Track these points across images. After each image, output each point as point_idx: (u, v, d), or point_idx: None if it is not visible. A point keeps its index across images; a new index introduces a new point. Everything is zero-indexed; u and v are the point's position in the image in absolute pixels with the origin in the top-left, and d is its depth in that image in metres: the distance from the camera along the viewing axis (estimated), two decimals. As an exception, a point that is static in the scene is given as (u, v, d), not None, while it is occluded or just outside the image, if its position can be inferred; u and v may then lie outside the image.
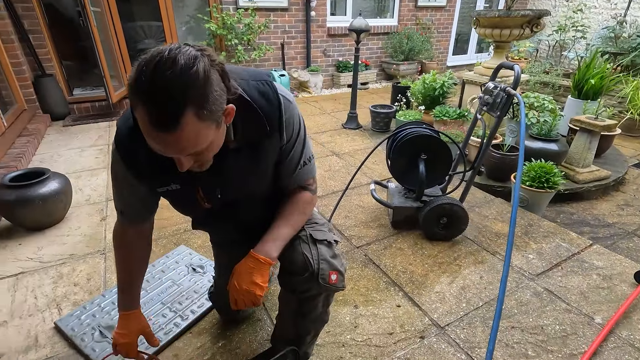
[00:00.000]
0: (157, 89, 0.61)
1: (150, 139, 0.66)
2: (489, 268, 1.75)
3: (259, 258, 0.87)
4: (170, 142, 0.66)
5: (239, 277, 0.88)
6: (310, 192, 1.00)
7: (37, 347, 1.32)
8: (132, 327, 1.02)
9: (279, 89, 0.86)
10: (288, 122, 0.86)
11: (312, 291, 0.98)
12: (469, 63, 6.90)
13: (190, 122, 0.64)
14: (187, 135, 0.65)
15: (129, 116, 0.81)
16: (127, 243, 1.01)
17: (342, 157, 3.03)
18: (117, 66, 4.07)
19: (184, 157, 0.71)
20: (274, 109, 0.84)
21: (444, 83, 3.49)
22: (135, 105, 0.64)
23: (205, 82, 0.63)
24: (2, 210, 1.93)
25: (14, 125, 3.14)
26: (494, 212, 2.22)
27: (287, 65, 5.15)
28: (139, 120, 0.65)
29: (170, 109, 0.62)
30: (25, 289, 1.59)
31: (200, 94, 0.63)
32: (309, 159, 0.97)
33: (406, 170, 1.95)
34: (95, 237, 1.96)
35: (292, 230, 0.94)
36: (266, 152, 0.88)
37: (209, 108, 0.65)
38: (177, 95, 0.61)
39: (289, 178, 0.96)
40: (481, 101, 1.77)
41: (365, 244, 1.93)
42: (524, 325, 1.43)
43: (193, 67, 0.61)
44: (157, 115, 0.62)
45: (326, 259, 0.96)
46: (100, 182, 2.56)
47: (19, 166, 2.55)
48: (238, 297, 0.88)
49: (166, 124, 0.63)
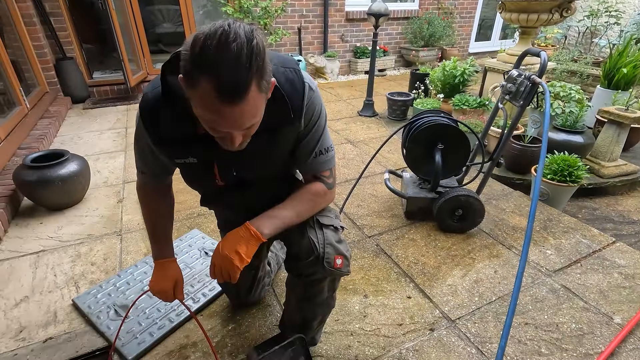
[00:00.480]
0: (226, 59, 0.60)
1: (212, 112, 0.66)
2: (504, 262, 1.70)
3: (250, 229, 0.86)
4: (233, 115, 0.66)
5: (224, 242, 0.87)
6: (325, 185, 0.97)
7: (56, 322, 1.38)
8: (166, 274, 1.04)
9: (305, 76, 0.86)
10: (309, 108, 0.86)
11: (317, 275, 0.99)
12: (492, 50, 6.64)
13: (253, 92, 0.65)
14: (250, 106, 0.66)
15: (156, 85, 0.82)
16: (150, 196, 1.06)
17: (356, 145, 2.99)
18: (135, 50, 4.10)
19: (237, 132, 0.71)
20: (299, 96, 0.83)
21: (464, 70, 3.37)
22: (197, 78, 0.62)
23: (265, 53, 0.64)
24: (25, 190, 1.99)
25: (37, 107, 3.22)
26: (512, 206, 2.16)
27: (304, 51, 5.07)
28: (201, 94, 0.64)
29: (241, 78, 0.62)
30: (46, 267, 1.65)
31: (261, 64, 0.64)
32: (327, 149, 0.94)
33: (422, 160, 1.91)
34: (112, 218, 2.01)
35: (295, 215, 0.92)
36: (285, 137, 0.89)
37: (266, 79, 0.67)
38: (245, 65, 0.61)
39: (302, 164, 0.96)
40: (503, 90, 1.70)
41: (377, 233, 1.91)
42: (538, 322, 1.39)
43: (254, 39, 0.62)
44: (226, 85, 0.62)
45: (332, 244, 0.96)
46: (118, 165, 2.61)
47: (40, 147, 2.62)
48: (216, 262, 0.88)
49: (235, 93, 0.63)
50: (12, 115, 2.78)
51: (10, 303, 1.46)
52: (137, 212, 2.06)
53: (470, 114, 3.06)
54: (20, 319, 1.38)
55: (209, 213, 2.01)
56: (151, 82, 0.85)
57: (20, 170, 1.93)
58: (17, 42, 3.29)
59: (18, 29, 3.28)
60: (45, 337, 1.31)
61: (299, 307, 1.10)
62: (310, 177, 0.97)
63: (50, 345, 1.28)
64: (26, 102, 3.06)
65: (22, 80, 3.15)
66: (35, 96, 3.33)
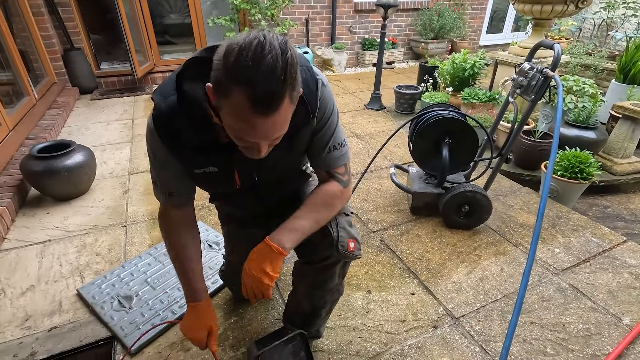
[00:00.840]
0: (263, 71, 0.60)
1: (243, 121, 0.65)
2: (510, 260, 1.67)
3: (272, 246, 0.85)
4: (264, 126, 0.66)
5: (250, 262, 0.86)
6: (340, 184, 0.94)
7: (61, 311, 1.39)
8: (200, 320, 0.97)
9: (317, 72, 0.84)
10: (321, 104, 0.84)
11: (331, 259, 0.99)
12: (504, 43, 6.49)
13: (285, 104, 0.65)
14: (281, 118, 0.66)
15: (168, 94, 0.78)
16: (175, 228, 0.97)
17: (362, 139, 2.96)
18: (142, 41, 4.09)
19: (265, 142, 0.71)
20: (314, 95, 0.82)
21: (474, 63, 3.30)
22: (230, 89, 0.62)
23: (296, 66, 0.64)
24: (32, 180, 2.00)
25: (45, 97, 3.24)
26: (520, 202, 2.12)
27: (311, 42, 5.02)
28: (233, 104, 0.63)
29: (275, 90, 0.62)
30: (52, 256, 1.66)
31: (294, 76, 0.64)
32: (340, 144, 0.92)
33: (429, 154, 1.88)
34: (117, 209, 2.02)
35: (314, 223, 0.90)
36: (303, 137, 0.88)
37: (297, 89, 0.67)
38: (280, 77, 0.61)
39: (315, 160, 0.94)
40: (514, 83, 1.65)
41: (382, 228, 1.89)
42: (544, 321, 1.37)
43: (288, 51, 0.62)
44: (261, 96, 0.62)
45: (344, 227, 0.97)
46: (124, 156, 2.62)
47: (48, 138, 2.64)
48: (247, 283, 0.87)
49: (269, 105, 0.63)
50: (21, 105, 2.80)
51: (17, 292, 1.48)
52: (142, 203, 2.07)
53: (479, 108, 3.00)
54: (26, 308, 1.40)
55: (212, 206, 2.01)
56: (159, 91, 0.80)
57: (27, 160, 1.94)
58: (26, 32, 3.31)
59: (26, 19, 3.28)
60: (50, 326, 1.33)
61: (309, 294, 1.10)
62: (324, 173, 0.95)
63: (55, 334, 1.30)
64: (34, 92, 3.07)
65: (30, 71, 3.16)
66: (43, 86, 3.35)
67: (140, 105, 3.66)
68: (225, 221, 1.26)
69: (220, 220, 1.28)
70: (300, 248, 1.02)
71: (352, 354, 1.24)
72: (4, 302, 1.42)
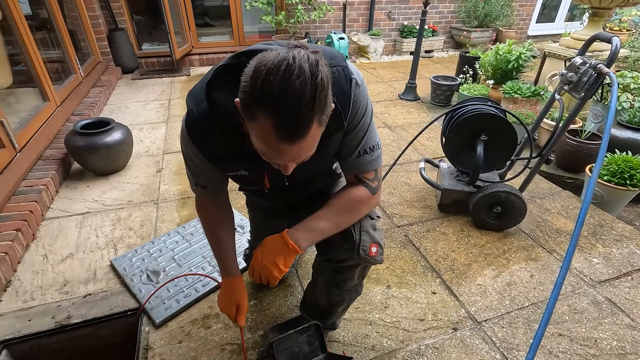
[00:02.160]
0: (290, 100, 0.57)
1: (268, 147, 0.64)
2: (542, 267, 1.59)
3: (289, 243, 0.84)
4: (290, 151, 0.64)
5: (263, 251, 0.87)
6: (368, 190, 0.90)
7: (95, 280, 1.48)
8: (231, 296, 1.02)
9: (352, 70, 0.80)
10: (353, 106, 0.80)
11: (350, 262, 0.97)
12: (555, 33, 6.04)
13: (313, 130, 0.62)
14: (308, 143, 0.64)
15: (200, 100, 0.78)
16: (211, 214, 1.02)
17: (394, 130, 2.89)
18: (182, 22, 4.17)
19: (291, 163, 0.70)
20: (347, 98, 0.78)
21: (520, 55, 3.10)
22: (256, 114, 0.60)
23: (328, 87, 0.61)
24: (74, 155, 2.13)
25: (90, 76, 3.40)
26: (558, 206, 1.99)
27: (348, 28, 4.91)
28: (259, 128, 0.62)
29: (302, 120, 0.60)
30: (89, 228, 1.77)
31: (324, 101, 0.61)
32: (372, 148, 0.87)
33: (462, 150, 1.80)
34: (150, 187, 2.11)
35: (335, 226, 0.88)
36: (334, 141, 0.85)
37: (327, 113, 0.64)
38: (308, 106, 0.58)
39: (344, 163, 0.90)
40: (563, 79, 1.53)
41: (407, 223, 1.85)
42: (574, 334, 1.29)
43: (318, 75, 0.58)
44: (287, 126, 0.60)
45: (367, 231, 0.94)
46: (159, 136, 2.71)
47: (91, 115, 2.78)
48: (257, 269, 0.88)
49: (295, 134, 0.61)
50: (68, 82, 2.96)
51: (58, 258, 1.59)
52: (173, 182, 2.14)
53: (521, 103, 2.82)
54: (65, 274, 1.51)
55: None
56: (192, 96, 0.80)
57: (71, 135, 2.06)
58: (75, 13, 3.46)
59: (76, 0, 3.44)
60: (85, 293, 1.42)
61: (327, 291, 1.09)
62: (352, 177, 0.91)
63: (89, 301, 1.39)
64: (81, 70, 3.24)
65: (77, 50, 3.32)
66: (89, 65, 3.51)
67: (177, 86, 3.76)
68: (252, 207, 1.28)
69: (247, 205, 1.30)
70: (321, 245, 1.02)
71: (367, 348, 1.24)
72: (46, 267, 1.54)
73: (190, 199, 1.99)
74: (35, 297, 1.40)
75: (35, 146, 2.10)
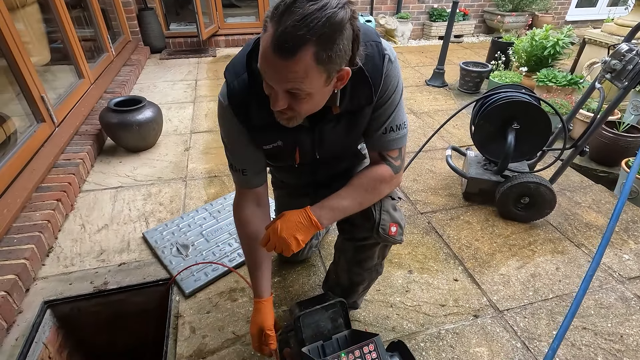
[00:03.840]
0: (292, 15, 0.60)
1: (263, 58, 0.66)
2: (568, 260, 1.56)
3: (312, 218, 0.85)
4: (278, 68, 0.65)
5: (284, 223, 0.86)
6: (391, 169, 0.90)
7: (129, 250, 1.56)
8: (256, 319, 0.99)
9: (385, 47, 0.80)
10: (385, 81, 0.81)
11: (370, 240, 0.99)
12: (597, 19, 5.70)
13: (306, 57, 0.63)
14: (297, 67, 0.64)
15: (239, 72, 0.80)
16: (249, 220, 0.99)
17: (419, 117, 2.84)
18: (209, 3, 4.18)
19: (281, 92, 0.69)
20: (379, 73, 0.79)
21: (557, 41, 2.95)
22: (266, 28, 0.64)
23: (337, 29, 0.62)
24: (108, 131, 2.21)
25: (120, 54, 3.48)
26: (589, 200, 1.93)
27: (375, 10, 4.79)
28: (263, 40, 0.65)
29: (296, 36, 0.61)
30: (122, 201, 1.85)
31: (328, 37, 0.62)
32: (399, 126, 0.88)
33: (491, 139, 1.76)
34: (179, 165, 2.17)
35: (357, 205, 0.89)
36: (364, 116, 0.85)
37: (329, 54, 0.64)
38: (307, 27, 0.60)
39: (369, 138, 0.91)
40: (606, 67, 1.46)
41: (430, 211, 1.84)
42: (598, 328, 1.28)
43: (334, 9, 0.61)
44: (280, 38, 0.61)
45: (388, 211, 0.95)
46: (187, 115, 2.77)
47: (122, 93, 2.86)
48: (273, 240, 0.86)
49: (285, 49, 0.62)
50: (101, 60, 3.05)
51: (94, 228, 1.68)
52: (200, 161, 2.20)
53: (556, 92, 2.71)
54: (101, 243, 1.59)
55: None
56: (232, 69, 0.82)
57: (105, 112, 2.14)
58: (107, -9, 3.52)
59: (108, -22, 3.49)
60: (120, 262, 1.50)
61: (348, 270, 1.12)
62: (376, 154, 0.92)
63: (123, 269, 1.47)
64: (112, 49, 3.31)
65: (109, 29, 3.40)
66: (119, 44, 3.59)
67: (203, 67, 3.80)
68: (277, 186, 1.31)
69: (273, 184, 1.33)
70: (342, 224, 1.03)
71: (388, 329, 1.26)
72: (84, 236, 1.63)
73: (217, 178, 2.05)
74: (74, 263, 1.49)
75: (72, 121, 2.19)
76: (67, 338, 1.42)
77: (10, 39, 1.76)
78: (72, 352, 1.45)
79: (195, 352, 1.19)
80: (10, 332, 1.22)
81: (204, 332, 1.25)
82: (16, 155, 1.68)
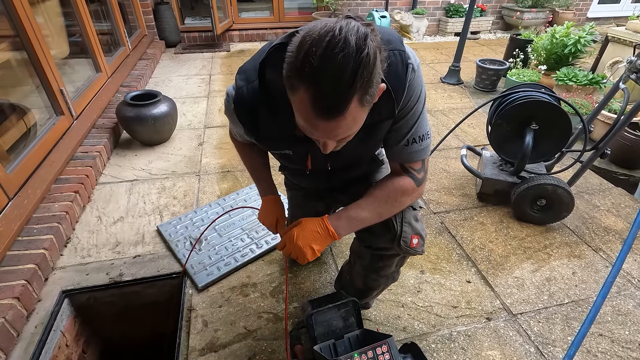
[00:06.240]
0: (329, 74, 0.55)
1: (305, 121, 0.64)
2: (585, 265, 1.53)
3: (329, 228, 0.84)
4: (326, 128, 0.63)
5: (301, 232, 0.86)
6: (414, 181, 0.87)
7: (144, 243, 1.59)
8: (269, 210, 1.09)
9: (409, 55, 0.75)
10: (407, 92, 0.77)
11: (391, 251, 0.97)
12: (620, 16, 5.52)
13: (353, 109, 0.60)
14: (347, 121, 0.62)
15: (250, 79, 0.77)
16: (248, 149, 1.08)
17: (434, 115, 2.80)
18: (224, -3, 4.18)
19: (330, 142, 0.68)
20: (402, 85, 0.75)
21: (579, 39, 2.86)
22: (297, 86, 0.60)
23: (374, 66, 0.58)
24: (124, 124, 2.24)
25: (136, 49, 3.52)
26: (609, 204, 1.88)
27: (390, 6, 4.73)
28: (298, 103, 0.62)
29: (340, 96, 0.57)
30: (137, 194, 1.88)
31: (368, 79, 0.58)
32: (421, 137, 0.83)
33: (508, 139, 1.72)
34: (192, 159, 2.19)
35: (376, 216, 0.87)
36: (383, 129, 0.83)
37: (371, 93, 0.61)
38: (348, 82, 0.56)
39: (390, 150, 0.87)
40: (631, 66, 1.41)
41: (443, 211, 1.82)
42: (616, 336, 1.25)
43: (364, 50, 0.55)
44: (324, 102, 0.58)
45: (410, 222, 0.93)
46: (201, 110, 2.79)
47: (138, 87, 2.90)
48: (289, 248, 0.88)
49: (332, 111, 0.59)
50: (117, 54, 3.08)
51: (110, 220, 1.71)
52: (214, 156, 2.22)
53: (576, 91, 2.64)
54: (116, 235, 1.62)
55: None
56: (243, 74, 0.79)
57: (122, 106, 2.17)
58: (124, -15, 3.56)
59: (125, -28, 3.52)
60: (135, 254, 1.53)
61: (364, 275, 1.10)
62: (397, 165, 0.88)
63: (138, 261, 1.49)
64: (128, 43, 3.35)
65: (125, 23, 3.43)
66: (135, 38, 3.63)
67: (217, 61, 3.82)
68: (290, 187, 1.31)
69: (286, 185, 1.33)
70: (362, 232, 1.01)
71: (399, 329, 1.26)
72: (100, 228, 1.66)
73: (230, 173, 2.06)
74: (91, 255, 1.52)
75: (89, 115, 2.23)
76: (83, 327, 1.45)
77: (31, 32, 1.79)
78: (88, 341, 1.48)
79: (208, 346, 1.21)
80: (30, 319, 1.25)
81: (216, 326, 1.26)
82: (36, 147, 1.72)
